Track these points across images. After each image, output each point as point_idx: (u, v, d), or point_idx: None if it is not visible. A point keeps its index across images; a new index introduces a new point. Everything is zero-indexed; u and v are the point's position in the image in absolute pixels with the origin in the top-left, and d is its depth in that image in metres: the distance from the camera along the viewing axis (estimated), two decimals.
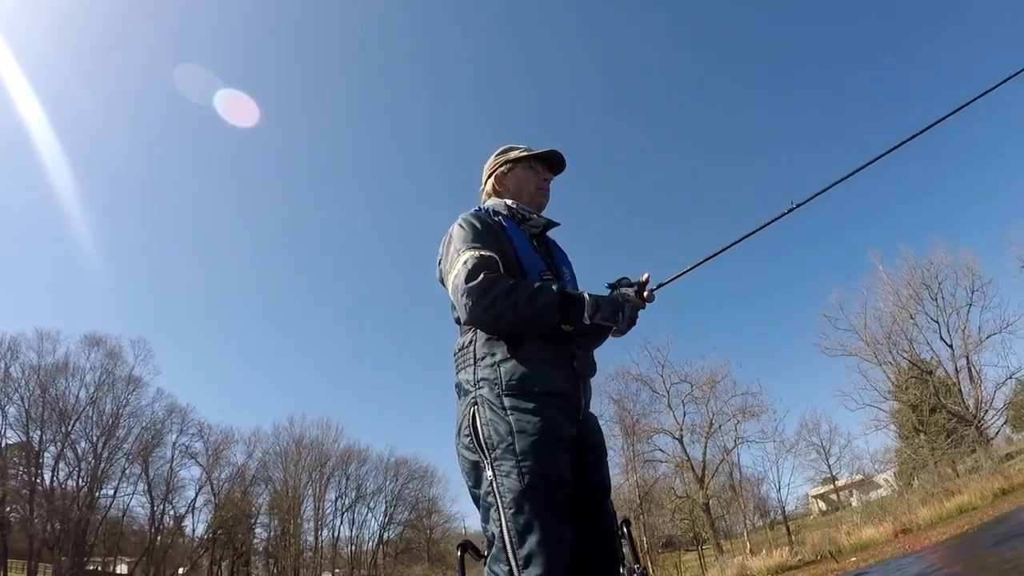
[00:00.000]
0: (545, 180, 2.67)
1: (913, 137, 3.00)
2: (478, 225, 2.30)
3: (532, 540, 1.85)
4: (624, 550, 2.36)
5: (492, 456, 1.99)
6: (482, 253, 2.17)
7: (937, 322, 34.27)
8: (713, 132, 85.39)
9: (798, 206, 2.72)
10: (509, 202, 2.53)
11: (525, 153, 2.65)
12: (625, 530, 2.41)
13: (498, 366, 2.09)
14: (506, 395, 2.04)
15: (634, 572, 2.39)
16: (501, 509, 1.93)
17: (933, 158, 62.26)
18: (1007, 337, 31.98)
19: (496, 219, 2.40)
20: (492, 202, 2.59)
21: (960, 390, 33.18)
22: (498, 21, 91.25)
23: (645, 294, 2.33)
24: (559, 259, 2.57)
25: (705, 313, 72.93)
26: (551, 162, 2.69)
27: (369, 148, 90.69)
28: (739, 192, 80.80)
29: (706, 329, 71.20)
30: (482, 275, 2.08)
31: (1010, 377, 32.41)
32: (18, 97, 50.00)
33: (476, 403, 2.09)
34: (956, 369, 33.61)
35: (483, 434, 2.03)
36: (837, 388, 43.25)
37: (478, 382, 2.12)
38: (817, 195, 2.82)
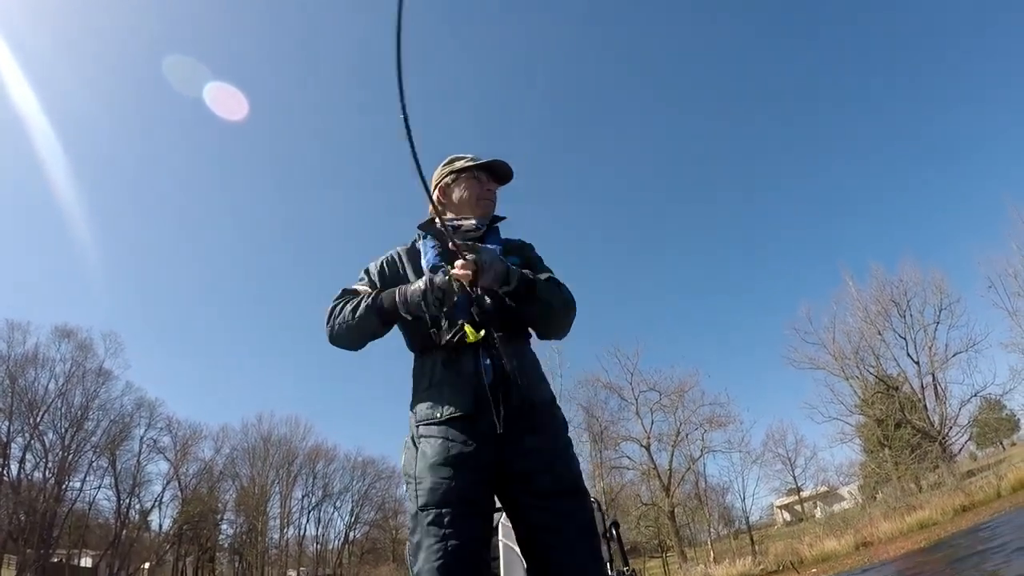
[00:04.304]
0: (488, 190, 2.63)
1: None
2: (366, 268, 2.51)
3: (420, 558, 1.95)
4: (613, 551, 2.46)
5: (407, 483, 2.11)
6: (345, 288, 2.40)
7: (905, 339, 34.79)
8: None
9: None
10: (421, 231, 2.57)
11: (470, 163, 2.62)
12: (614, 532, 2.49)
13: (415, 396, 2.23)
14: (419, 425, 2.16)
15: (623, 574, 2.51)
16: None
17: (909, 175, 63.37)
18: (973, 356, 32.41)
19: (393, 254, 2.52)
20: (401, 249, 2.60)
21: (925, 406, 33.62)
22: (496, 20, 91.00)
23: (455, 249, 2.16)
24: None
25: (674, 322, 73.46)
26: (496, 171, 2.66)
27: (356, 149, 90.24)
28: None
29: (675, 338, 71.51)
30: (331, 303, 2.34)
31: (975, 395, 32.80)
32: (10, 83, 49.18)
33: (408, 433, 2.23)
34: (922, 386, 34.08)
35: (403, 462, 2.16)
36: (804, 401, 43.78)
37: (412, 412, 2.24)
38: None
